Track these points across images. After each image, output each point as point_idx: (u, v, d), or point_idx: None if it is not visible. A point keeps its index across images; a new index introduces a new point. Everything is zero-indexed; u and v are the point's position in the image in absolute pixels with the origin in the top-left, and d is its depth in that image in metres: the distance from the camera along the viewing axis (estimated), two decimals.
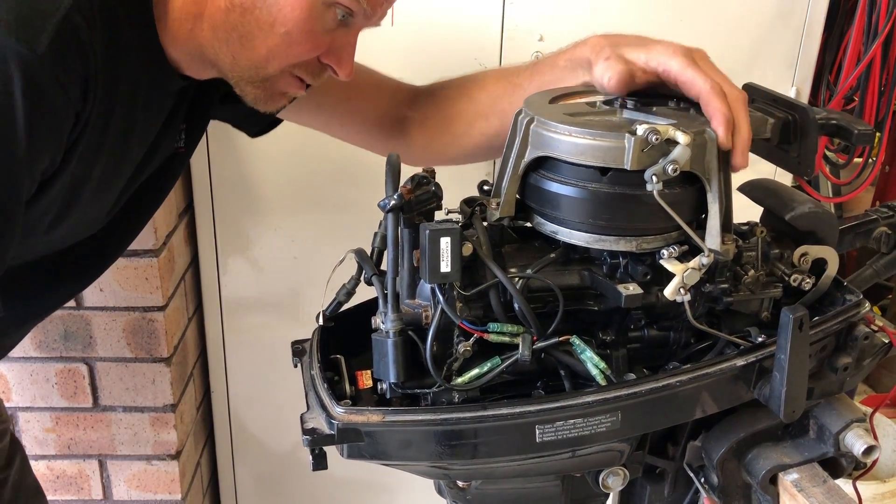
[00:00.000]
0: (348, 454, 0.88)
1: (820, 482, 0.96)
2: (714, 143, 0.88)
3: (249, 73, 1.07)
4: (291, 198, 1.89)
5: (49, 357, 1.74)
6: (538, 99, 0.99)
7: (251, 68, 1.06)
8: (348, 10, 1.02)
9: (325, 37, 1.05)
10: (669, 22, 1.77)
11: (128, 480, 1.87)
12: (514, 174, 0.94)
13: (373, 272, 0.96)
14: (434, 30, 1.75)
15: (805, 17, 1.79)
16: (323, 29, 1.03)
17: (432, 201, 0.91)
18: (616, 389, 0.89)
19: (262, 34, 1.02)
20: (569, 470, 1.01)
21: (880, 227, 1.11)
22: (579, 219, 0.91)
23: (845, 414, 0.97)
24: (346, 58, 1.10)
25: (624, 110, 0.94)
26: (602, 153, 0.87)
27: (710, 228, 0.90)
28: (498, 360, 0.90)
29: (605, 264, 0.94)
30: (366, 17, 1.05)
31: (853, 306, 0.96)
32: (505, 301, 0.91)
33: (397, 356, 0.89)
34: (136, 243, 1.64)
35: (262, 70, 1.06)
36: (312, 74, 1.10)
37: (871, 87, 1.88)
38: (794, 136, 0.97)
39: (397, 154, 0.93)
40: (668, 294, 0.88)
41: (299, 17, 1.00)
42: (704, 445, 1.01)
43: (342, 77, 1.10)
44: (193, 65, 1.10)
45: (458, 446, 0.88)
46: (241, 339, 2.01)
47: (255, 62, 1.05)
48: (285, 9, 1.00)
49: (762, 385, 0.92)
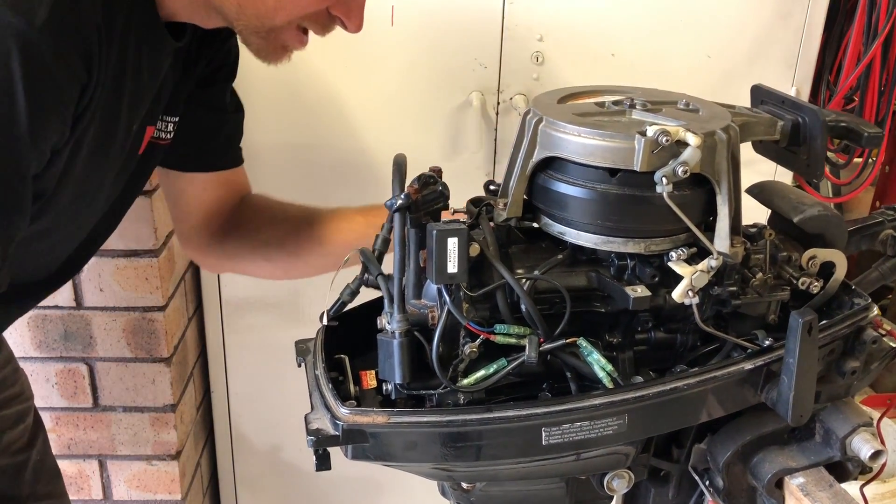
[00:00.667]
0: (353, 455, 0.87)
1: (826, 486, 0.95)
2: (724, 145, 0.88)
3: (255, 24, 1.05)
4: (291, 198, 1.88)
5: (49, 357, 1.73)
6: (547, 99, 0.99)
7: (257, 17, 1.05)
8: None
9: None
10: (669, 22, 1.77)
11: (128, 480, 1.87)
12: (521, 174, 0.94)
13: (378, 272, 0.95)
14: (434, 29, 1.75)
15: (805, 17, 1.79)
16: None
17: (439, 201, 0.91)
18: (623, 392, 0.88)
19: None
20: (574, 472, 1.01)
21: (886, 229, 1.10)
22: (587, 220, 0.90)
23: (852, 418, 0.96)
24: (355, 9, 1.08)
25: (633, 111, 0.93)
26: (611, 154, 0.86)
27: (719, 231, 0.90)
28: (504, 361, 0.90)
29: (612, 266, 0.94)
30: None
31: (861, 310, 0.95)
32: (512, 302, 0.90)
33: (403, 357, 0.88)
34: (136, 243, 1.65)
35: (269, 20, 1.05)
36: (321, 26, 1.09)
37: (871, 87, 1.87)
38: (804, 138, 0.97)
39: (404, 154, 0.93)
40: (677, 297, 0.88)
41: None
42: (710, 448, 1.00)
43: (352, 29, 1.09)
44: (197, 11, 1.08)
45: (463, 448, 0.88)
46: (241, 339, 2.00)
47: (262, 12, 1.04)
48: None
49: (769, 389, 0.92)
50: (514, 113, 1.79)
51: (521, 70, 1.77)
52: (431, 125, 1.81)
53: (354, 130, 1.82)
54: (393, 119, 1.81)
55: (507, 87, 1.78)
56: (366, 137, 1.82)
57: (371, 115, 1.80)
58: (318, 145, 1.84)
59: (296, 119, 1.81)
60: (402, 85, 1.77)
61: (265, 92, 1.72)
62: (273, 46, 1.09)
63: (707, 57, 1.80)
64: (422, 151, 1.80)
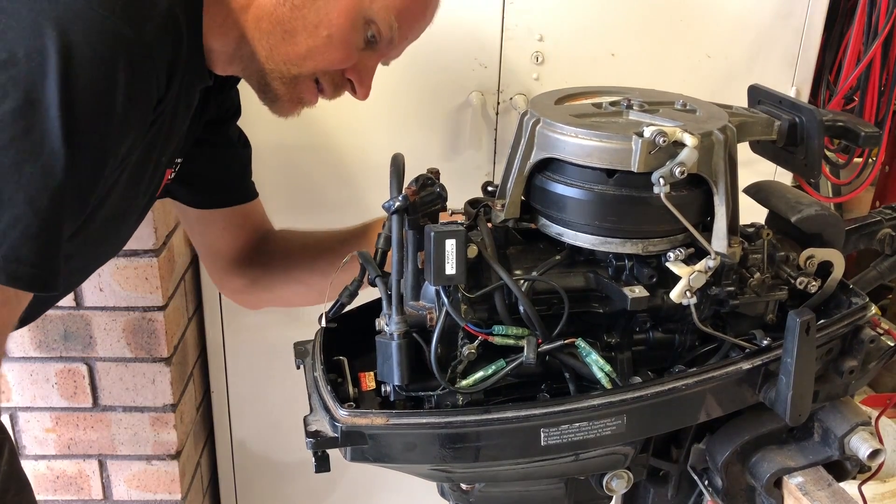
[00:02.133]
0: (352, 457, 0.87)
1: (825, 486, 0.95)
2: (721, 145, 0.88)
3: (282, 69, 1.10)
4: (291, 198, 1.88)
5: (49, 357, 1.73)
6: (544, 100, 0.99)
7: (285, 63, 1.10)
8: (378, 33, 1.09)
9: (356, 52, 1.11)
10: (670, 22, 1.77)
11: (128, 480, 1.87)
12: (519, 175, 0.94)
13: (377, 274, 0.95)
14: (434, 30, 1.74)
15: (805, 17, 1.79)
16: (357, 43, 1.09)
17: (437, 202, 0.91)
18: (621, 393, 0.89)
19: (305, 32, 1.07)
20: (573, 473, 1.01)
21: (884, 228, 1.10)
22: (585, 221, 0.90)
23: (850, 417, 0.96)
24: (366, 78, 1.17)
25: (630, 112, 0.94)
26: (609, 155, 0.86)
27: (717, 231, 0.90)
28: (503, 362, 0.90)
29: (610, 266, 0.94)
30: (389, 45, 1.12)
31: (859, 309, 0.96)
32: (510, 303, 0.90)
33: (401, 358, 0.88)
34: (136, 243, 1.65)
35: (296, 67, 1.10)
36: (335, 86, 1.16)
37: (871, 87, 1.87)
38: (801, 138, 0.97)
39: (402, 154, 0.93)
40: (675, 297, 0.88)
41: (343, 25, 1.06)
42: (709, 448, 1.00)
43: (360, 96, 1.17)
44: (222, 57, 1.12)
45: (462, 449, 0.88)
46: (241, 339, 2.00)
47: (292, 58, 1.09)
48: (332, 13, 1.05)
49: (768, 388, 0.92)
50: (513, 113, 1.79)
51: (521, 70, 1.77)
52: (431, 125, 1.81)
53: (354, 130, 1.82)
54: (393, 119, 1.81)
55: (507, 87, 1.78)
56: (365, 137, 1.82)
57: (371, 115, 1.80)
58: (318, 145, 1.84)
59: (295, 119, 1.80)
60: (402, 85, 1.77)
61: None
62: (290, 96, 1.14)
63: (707, 57, 1.80)
64: (421, 151, 1.80)
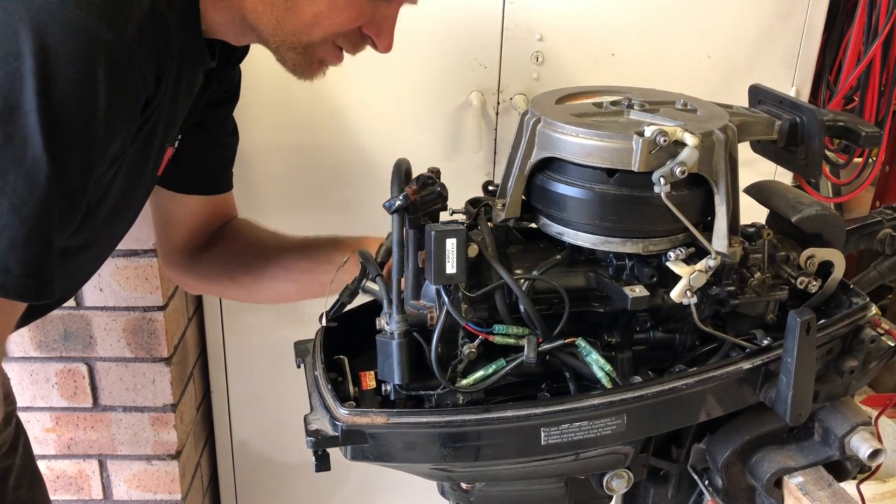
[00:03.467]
0: (352, 456, 0.87)
1: (825, 485, 0.95)
2: (722, 145, 0.88)
3: (292, 39, 1.08)
4: (291, 198, 1.88)
5: (49, 357, 1.73)
6: (545, 99, 0.99)
7: (294, 33, 1.08)
8: None
9: (368, 7, 1.08)
10: (669, 22, 1.77)
11: (128, 480, 1.87)
12: (520, 175, 0.94)
13: (377, 273, 0.95)
14: (434, 29, 1.75)
15: (805, 17, 1.79)
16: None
17: (438, 202, 0.91)
18: (622, 392, 0.89)
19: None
20: (573, 472, 1.01)
21: (885, 228, 1.10)
22: (585, 220, 0.90)
23: (851, 417, 0.96)
24: (386, 30, 1.13)
25: (631, 111, 0.94)
26: (609, 154, 0.86)
27: (717, 231, 0.90)
28: (503, 361, 0.90)
29: (610, 266, 0.94)
30: None
31: (859, 309, 0.96)
32: (510, 302, 0.90)
33: (402, 358, 0.88)
34: (135, 243, 1.65)
35: (306, 36, 1.08)
36: (353, 45, 1.13)
37: (871, 87, 1.87)
38: (801, 138, 0.97)
39: (407, 159, 0.93)
40: (675, 296, 0.88)
41: None
42: (709, 448, 1.00)
43: (381, 49, 1.13)
44: (232, 29, 1.11)
45: (462, 449, 0.88)
46: (241, 339, 2.00)
47: (299, 28, 1.07)
48: None
49: (768, 388, 0.92)
50: (514, 113, 1.79)
51: (521, 70, 1.77)
52: (431, 125, 1.81)
53: (354, 131, 1.82)
54: (393, 119, 1.81)
55: (507, 86, 1.78)
56: (366, 137, 1.82)
57: (371, 114, 1.80)
58: (318, 146, 1.84)
59: (296, 119, 1.81)
60: (402, 85, 1.77)
61: (265, 92, 1.72)
62: (309, 61, 1.12)
63: (707, 57, 1.80)
64: (422, 151, 1.80)
